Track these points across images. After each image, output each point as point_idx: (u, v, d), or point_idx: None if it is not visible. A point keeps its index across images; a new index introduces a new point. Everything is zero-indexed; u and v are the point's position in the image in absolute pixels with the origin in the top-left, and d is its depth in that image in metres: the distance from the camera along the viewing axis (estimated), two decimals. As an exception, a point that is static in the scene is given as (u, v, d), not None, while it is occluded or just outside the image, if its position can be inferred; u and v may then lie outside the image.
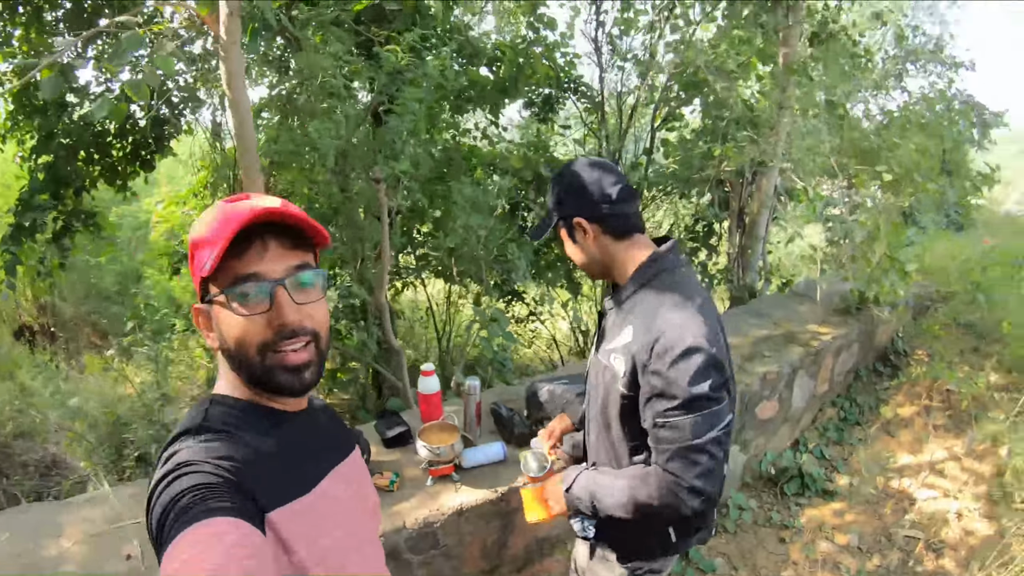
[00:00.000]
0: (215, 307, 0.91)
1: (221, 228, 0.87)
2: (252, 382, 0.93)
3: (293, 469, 0.94)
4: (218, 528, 0.72)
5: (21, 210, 4.79)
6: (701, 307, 1.37)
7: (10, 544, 1.99)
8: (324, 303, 0.97)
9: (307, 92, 2.95)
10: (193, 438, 0.88)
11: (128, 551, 1.95)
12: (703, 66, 3.48)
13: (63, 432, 5.06)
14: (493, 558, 2.35)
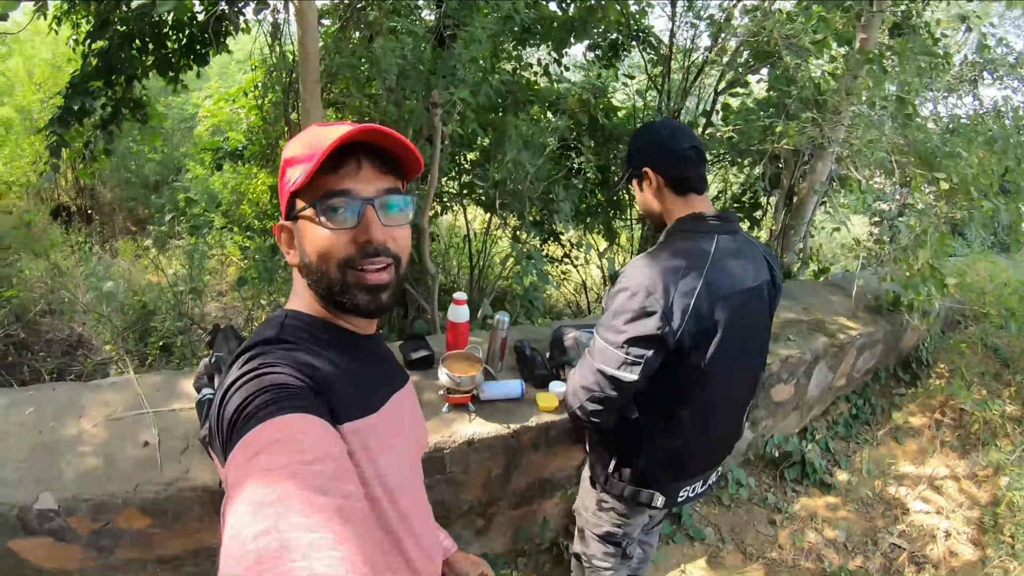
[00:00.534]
0: (300, 222, 0.93)
1: (318, 145, 0.87)
2: (329, 299, 0.95)
3: (362, 388, 0.96)
4: (301, 419, 0.74)
5: (71, 93, 4.81)
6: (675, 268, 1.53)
7: (32, 419, 2.07)
8: (408, 230, 0.98)
9: (374, 6, 2.90)
10: (269, 347, 0.91)
11: (146, 438, 2.02)
12: (777, 37, 3.36)
13: (90, 313, 5.20)
14: (494, 491, 2.41)
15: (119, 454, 1.94)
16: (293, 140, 0.96)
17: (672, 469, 1.75)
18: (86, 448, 1.96)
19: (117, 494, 1.80)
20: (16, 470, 1.84)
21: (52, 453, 1.92)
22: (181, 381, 2.35)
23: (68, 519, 1.77)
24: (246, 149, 4.66)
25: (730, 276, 1.58)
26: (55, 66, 8.38)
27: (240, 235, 4.46)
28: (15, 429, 2.02)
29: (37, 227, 6.34)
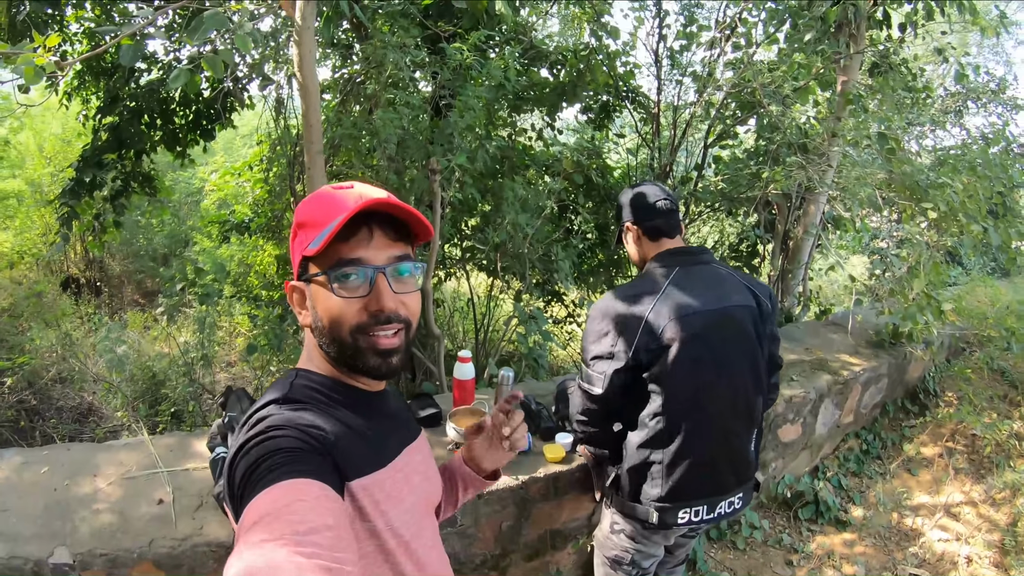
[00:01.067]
0: (313, 286, 0.97)
1: (330, 211, 0.92)
2: (340, 361, 0.99)
3: (371, 444, 0.98)
4: (303, 484, 0.75)
5: (83, 166, 4.97)
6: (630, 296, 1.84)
7: (48, 478, 2.11)
8: (418, 295, 1.02)
9: (372, 80, 3.05)
10: (279, 406, 0.94)
11: (160, 496, 2.06)
12: (759, 87, 3.50)
13: (100, 383, 5.26)
14: (506, 543, 2.42)
15: (134, 511, 1.99)
16: (306, 203, 1.00)
17: (656, 484, 1.86)
18: (101, 505, 2.00)
19: (132, 549, 1.84)
20: (31, 525, 1.88)
21: (67, 510, 1.96)
22: (194, 442, 2.41)
23: (83, 573, 1.81)
24: (252, 222, 4.79)
25: (687, 299, 1.80)
26: (65, 140, 8.63)
27: (249, 305, 4.55)
28: (30, 487, 2.07)
29: (47, 298, 6.46)
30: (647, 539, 1.97)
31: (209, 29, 2.40)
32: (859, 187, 3.60)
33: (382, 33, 3.16)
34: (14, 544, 1.81)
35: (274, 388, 1.00)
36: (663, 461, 1.83)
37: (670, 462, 1.82)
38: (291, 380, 1.00)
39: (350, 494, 0.89)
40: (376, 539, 0.92)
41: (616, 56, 4.50)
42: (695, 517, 1.87)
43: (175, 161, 5.44)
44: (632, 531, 1.96)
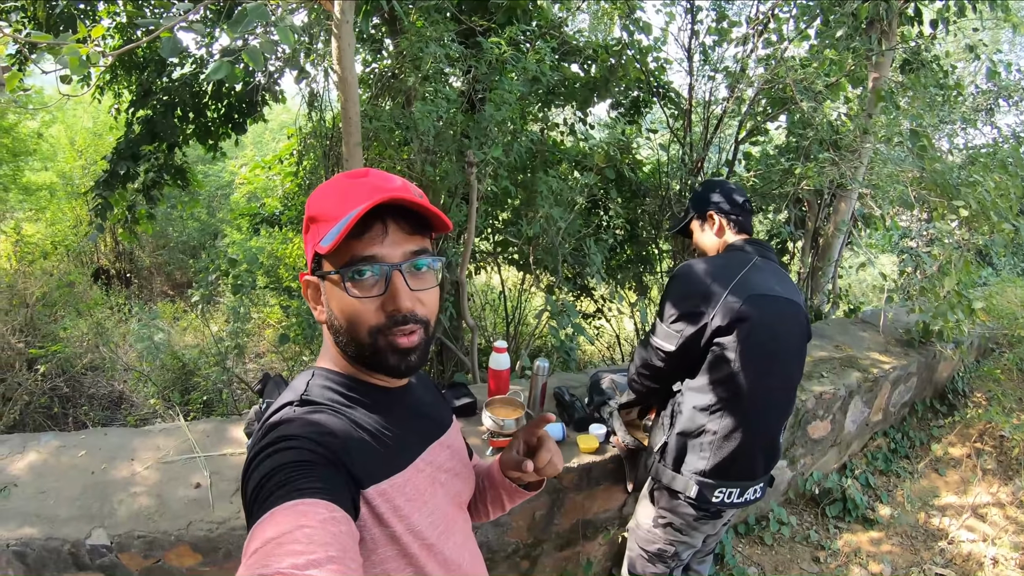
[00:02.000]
0: (327, 283, 0.93)
1: (342, 205, 0.88)
2: (358, 360, 0.96)
3: (390, 446, 0.95)
4: (309, 507, 0.72)
5: (116, 158, 5.06)
6: (719, 265, 1.90)
7: (85, 462, 2.16)
8: (436, 290, 0.97)
9: (407, 73, 3.09)
10: (294, 409, 0.91)
11: (198, 480, 2.09)
12: (791, 83, 3.49)
13: (131, 372, 5.36)
14: (538, 532, 2.45)
15: (171, 494, 2.01)
16: (318, 194, 0.95)
17: (703, 456, 1.88)
18: (138, 488, 2.03)
19: (170, 531, 1.86)
20: (69, 508, 1.92)
21: (104, 492, 1.99)
22: (230, 428, 2.44)
23: (120, 555, 1.84)
24: (282, 214, 4.85)
25: (763, 281, 1.85)
26: (96, 134, 8.79)
27: (280, 297, 4.60)
28: (68, 470, 2.11)
29: (78, 288, 6.58)
30: (695, 529, 1.97)
31: (251, 21, 2.43)
32: (890, 184, 3.58)
33: (417, 28, 3.20)
34: (52, 526, 1.85)
35: (292, 387, 0.98)
36: (717, 433, 1.86)
37: (724, 436, 1.85)
38: (308, 379, 0.98)
39: (366, 502, 0.87)
40: (396, 544, 0.91)
41: (648, 51, 4.51)
42: (727, 499, 1.89)
43: (207, 154, 5.51)
44: (681, 523, 1.96)
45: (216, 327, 4.88)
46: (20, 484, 2.02)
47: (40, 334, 5.38)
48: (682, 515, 1.94)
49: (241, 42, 3.49)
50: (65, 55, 2.13)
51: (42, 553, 1.80)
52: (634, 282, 4.97)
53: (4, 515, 1.88)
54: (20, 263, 6.81)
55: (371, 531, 0.88)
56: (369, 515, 0.88)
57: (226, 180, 8.90)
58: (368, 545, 0.88)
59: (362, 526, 0.87)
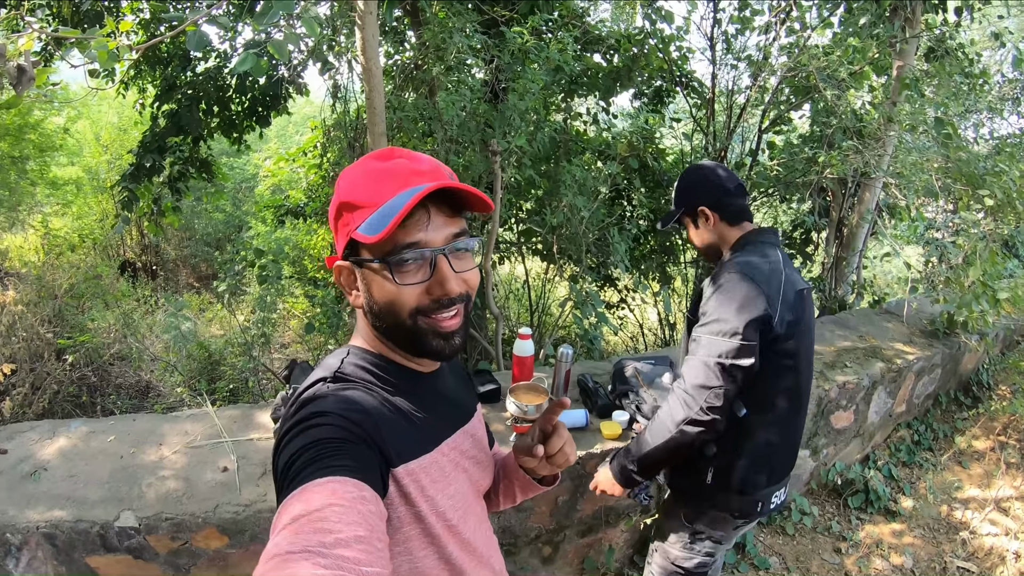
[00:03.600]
0: (366, 270, 0.92)
1: (379, 190, 0.88)
2: (397, 343, 0.97)
3: (420, 427, 0.96)
4: (339, 485, 0.73)
5: (142, 151, 5.14)
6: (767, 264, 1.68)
7: (114, 446, 2.20)
8: (477, 270, 0.98)
9: (430, 64, 3.11)
10: (328, 385, 0.92)
11: (225, 463, 2.13)
12: (815, 71, 3.46)
13: (157, 362, 5.46)
14: (561, 518, 2.48)
15: (198, 478, 2.05)
16: (350, 179, 0.92)
17: (764, 471, 1.77)
18: (166, 472, 2.08)
19: (197, 513, 1.90)
20: (98, 490, 1.97)
21: (133, 476, 2.04)
22: (257, 414, 2.48)
23: (148, 537, 1.88)
24: (307, 206, 4.90)
25: (796, 276, 1.74)
26: (121, 129, 8.92)
27: (305, 287, 4.65)
28: (97, 454, 2.16)
29: (105, 281, 6.71)
30: (735, 531, 1.88)
31: (276, 13, 2.46)
32: (915, 173, 3.55)
33: (439, 18, 3.22)
34: (81, 508, 1.89)
35: (326, 364, 0.99)
36: (777, 444, 1.75)
37: (782, 444, 1.77)
38: (343, 357, 0.98)
39: (395, 480, 0.89)
40: (420, 523, 0.92)
41: (670, 40, 4.49)
42: (777, 501, 1.82)
43: (231, 147, 5.57)
44: (721, 535, 1.85)
45: (242, 317, 4.95)
46: (50, 468, 2.07)
47: (68, 325, 5.48)
48: (725, 527, 1.84)
49: (264, 35, 3.54)
50: (94, 49, 2.18)
51: (71, 535, 1.85)
52: (658, 272, 4.96)
53: (34, 498, 1.93)
54: (48, 256, 6.95)
55: (398, 509, 0.90)
56: (397, 493, 0.89)
57: (251, 173, 9.00)
58: (394, 523, 0.90)
59: (389, 504, 0.88)
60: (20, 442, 2.22)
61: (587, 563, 2.66)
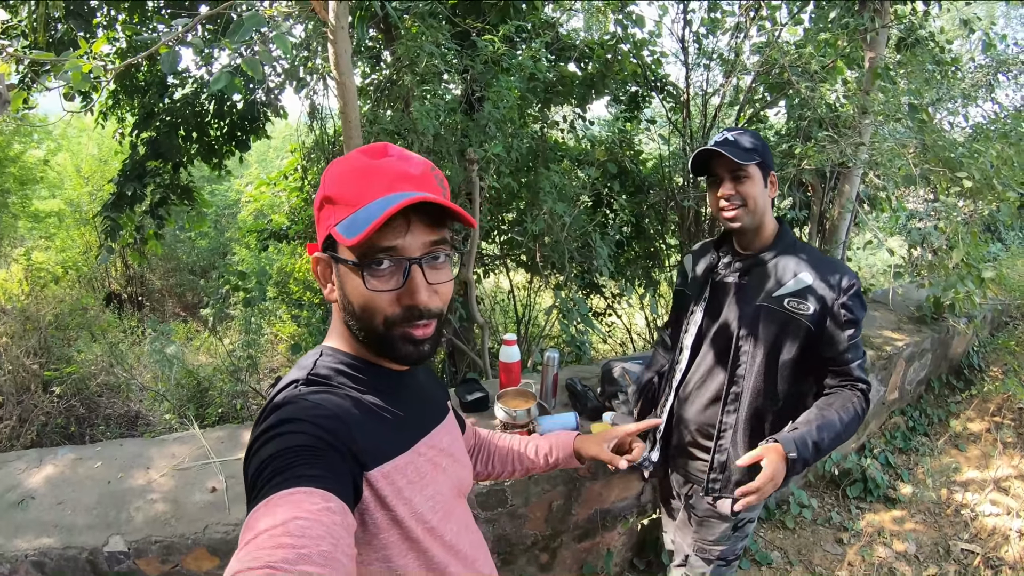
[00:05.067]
0: (341, 267, 0.91)
1: (363, 189, 0.87)
2: (369, 345, 0.95)
3: (394, 427, 0.96)
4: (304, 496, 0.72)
5: (123, 180, 5.12)
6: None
7: (101, 472, 2.18)
8: (451, 283, 0.97)
9: (404, 77, 3.12)
10: (299, 388, 0.91)
11: (213, 484, 2.11)
12: (787, 67, 3.49)
13: (146, 392, 5.41)
14: (557, 523, 2.45)
15: (187, 499, 2.03)
16: (336, 172, 0.92)
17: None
18: (155, 495, 2.05)
19: (187, 535, 1.88)
20: (86, 516, 1.94)
21: (121, 500, 2.01)
22: (244, 433, 2.46)
23: (138, 561, 1.85)
24: (290, 229, 4.89)
25: None
26: (102, 160, 8.90)
27: (291, 309, 4.63)
28: (84, 480, 2.13)
29: (91, 312, 6.66)
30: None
31: (248, 29, 2.46)
32: (892, 160, 3.57)
33: (412, 33, 3.23)
34: (69, 535, 1.87)
35: (300, 364, 0.99)
36: None
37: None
38: (316, 358, 0.98)
39: (369, 484, 0.87)
40: (399, 527, 0.91)
41: (643, 45, 4.52)
42: None
43: (211, 172, 5.56)
44: (756, 512, 1.90)
45: (229, 341, 4.92)
46: (37, 496, 2.04)
47: (54, 357, 5.44)
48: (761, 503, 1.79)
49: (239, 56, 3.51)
50: (68, 70, 2.17)
51: (60, 562, 1.82)
52: (643, 279, 4.96)
53: (22, 527, 1.90)
54: (32, 288, 6.90)
55: (373, 515, 0.88)
56: (372, 498, 0.88)
57: (232, 199, 8.99)
58: (371, 530, 0.88)
59: (364, 509, 0.87)
60: (7, 471, 2.19)
61: (586, 568, 2.63)
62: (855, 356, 1.65)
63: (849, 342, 1.64)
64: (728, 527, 1.84)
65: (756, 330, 1.69)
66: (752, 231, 1.73)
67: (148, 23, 5.07)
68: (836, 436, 1.59)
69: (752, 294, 1.71)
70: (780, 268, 1.70)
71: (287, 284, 5.40)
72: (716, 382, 1.79)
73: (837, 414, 1.61)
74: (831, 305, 1.63)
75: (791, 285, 1.67)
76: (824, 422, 1.60)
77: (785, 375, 1.69)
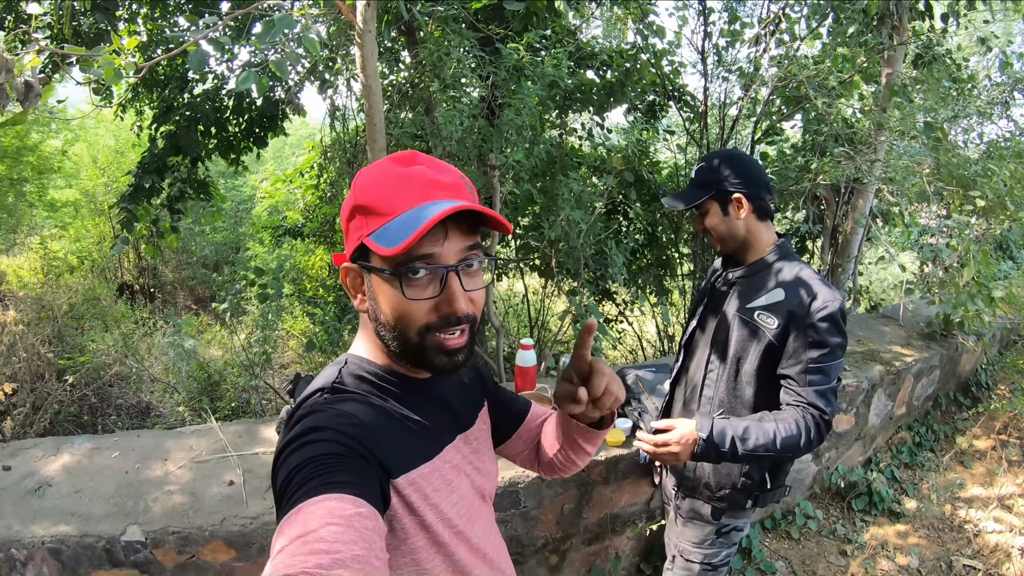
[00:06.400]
0: (375, 276, 0.90)
1: (396, 198, 0.86)
2: (402, 356, 0.94)
3: (419, 436, 0.96)
4: (336, 503, 0.72)
5: (142, 172, 5.18)
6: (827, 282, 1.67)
7: (119, 462, 2.20)
8: (484, 288, 0.96)
9: (426, 82, 3.16)
10: (325, 397, 0.92)
11: (231, 477, 2.13)
12: (804, 81, 3.52)
13: (157, 383, 5.46)
14: (567, 526, 2.49)
15: (205, 492, 2.05)
16: (367, 180, 0.91)
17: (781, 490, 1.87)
18: (172, 487, 2.07)
19: (204, 527, 1.90)
20: (104, 505, 1.96)
21: (139, 491, 2.03)
22: (261, 428, 2.49)
23: (155, 551, 1.87)
24: (305, 226, 4.93)
25: None
26: (118, 152, 8.97)
27: (305, 306, 4.66)
28: (101, 470, 2.16)
29: (104, 303, 6.71)
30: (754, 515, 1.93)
31: (279, 31, 2.50)
32: (907, 177, 3.60)
33: (435, 38, 3.28)
34: (87, 523, 1.89)
35: (324, 374, 0.98)
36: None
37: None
38: (340, 367, 0.98)
39: (396, 491, 0.88)
40: (427, 532, 0.92)
41: (662, 55, 4.56)
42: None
43: (229, 168, 5.62)
44: (744, 522, 1.90)
45: (242, 336, 4.95)
46: (54, 484, 2.07)
47: (68, 346, 5.49)
48: (747, 514, 1.88)
49: (263, 55, 3.58)
50: (100, 66, 2.21)
51: (77, 550, 1.84)
52: (655, 287, 4.99)
53: (39, 514, 1.92)
54: (47, 278, 6.96)
55: (402, 521, 0.89)
56: (400, 504, 0.89)
57: (247, 195, 9.05)
58: (399, 535, 0.89)
59: (392, 516, 0.88)
60: (23, 459, 2.22)
61: (594, 571, 2.66)
62: (817, 381, 1.61)
63: (811, 364, 1.61)
64: (711, 530, 1.88)
65: (728, 338, 1.75)
66: (736, 252, 1.79)
67: (169, 18, 5.13)
68: (765, 445, 1.57)
69: (733, 304, 1.77)
70: (761, 281, 1.73)
71: (301, 280, 5.45)
72: (693, 385, 1.86)
73: (775, 425, 1.59)
74: (798, 323, 1.63)
75: (764, 299, 1.70)
76: (756, 427, 1.59)
77: (750, 383, 1.72)
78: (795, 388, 1.63)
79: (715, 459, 1.63)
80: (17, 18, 4.55)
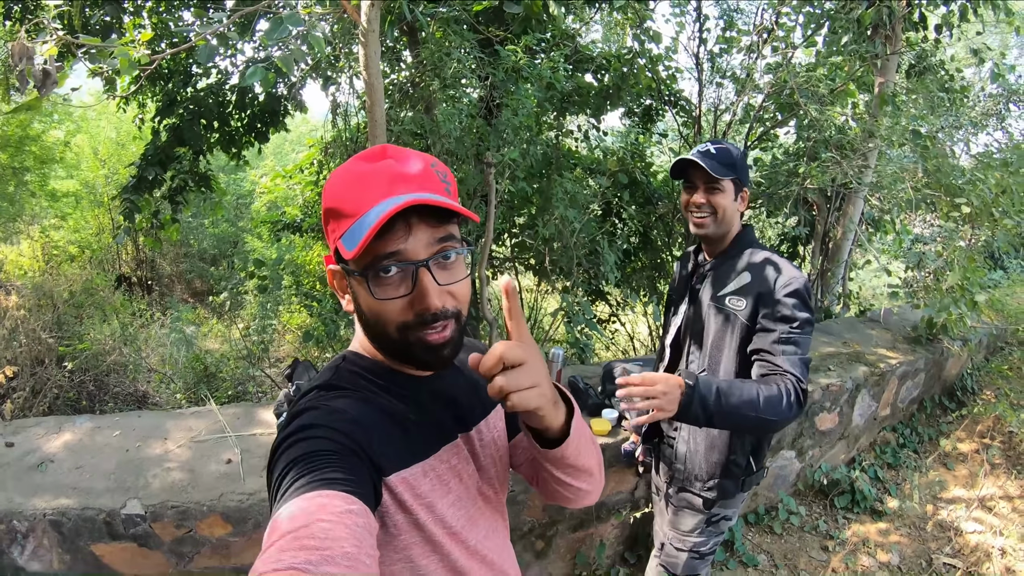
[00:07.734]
0: (352, 278, 0.89)
1: (361, 197, 0.84)
2: (388, 354, 0.94)
3: (414, 434, 0.94)
4: (327, 499, 0.72)
5: (145, 164, 5.23)
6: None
7: (119, 440, 2.26)
8: (467, 282, 0.92)
9: (427, 81, 3.23)
10: (321, 394, 0.92)
11: (229, 456, 2.20)
12: (796, 88, 3.60)
13: (154, 373, 5.51)
14: (553, 512, 2.56)
15: (203, 469, 2.12)
16: (335, 181, 0.89)
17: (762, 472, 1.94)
18: (171, 464, 2.14)
19: (203, 502, 1.97)
20: (105, 481, 2.02)
21: (139, 468, 2.10)
22: (259, 411, 2.55)
23: (153, 524, 1.93)
24: (303, 222, 4.99)
25: None
26: (119, 144, 9.01)
27: (303, 299, 4.72)
28: (103, 447, 2.22)
29: (103, 293, 6.77)
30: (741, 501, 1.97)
31: (286, 28, 2.57)
32: (894, 183, 3.68)
33: (436, 38, 3.35)
34: (88, 497, 1.95)
35: (323, 372, 0.98)
36: None
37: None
38: (337, 364, 0.98)
39: (388, 488, 0.87)
40: (420, 530, 0.91)
41: (659, 60, 4.63)
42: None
43: (230, 162, 5.67)
44: (733, 511, 1.95)
45: (240, 326, 5.01)
46: (56, 460, 2.13)
47: (67, 333, 5.55)
48: (736, 502, 1.93)
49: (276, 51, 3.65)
50: (116, 56, 2.28)
51: (78, 523, 1.90)
52: (647, 290, 5.06)
53: (41, 488, 1.98)
54: (47, 266, 7.01)
55: (394, 517, 0.88)
56: (392, 502, 0.88)
57: (247, 190, 9.11)
58: (391, 531, 0.89)
59: (384, 512, 0.88)
60: (26, 436, 2.28)
61: (579, 558, 2.73)
62: (790, 351, 1.65)
63: (782, 335, 1.66)
64: (702, 520, 1.93)
65: (705, 328, 1.83)
66: (718, 239, 1.86)
67: (175, 11, 5.19)
68: (748, 402, 1.55)
69: (707, 293, 1.84)
70: (729, 268, 1.82)
71: (299, 275, 5.50)
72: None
73: (757, 386, 1.59)
74: (766, 301, 1.70)
75: (733, 284, 1.78)
76: (740, 385, 1.59)
77: (730, 371, 1.78)
78: (769, 359, 1.67)
79: (701, 415, 1.53)
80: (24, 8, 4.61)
